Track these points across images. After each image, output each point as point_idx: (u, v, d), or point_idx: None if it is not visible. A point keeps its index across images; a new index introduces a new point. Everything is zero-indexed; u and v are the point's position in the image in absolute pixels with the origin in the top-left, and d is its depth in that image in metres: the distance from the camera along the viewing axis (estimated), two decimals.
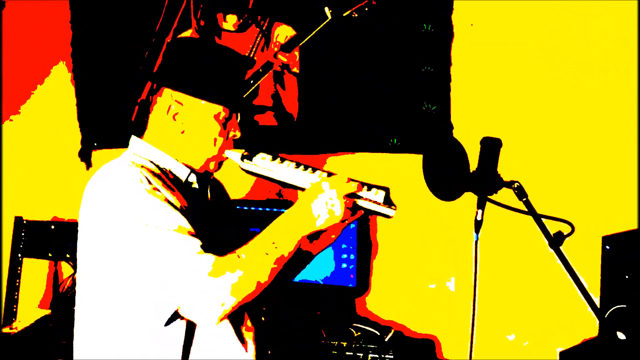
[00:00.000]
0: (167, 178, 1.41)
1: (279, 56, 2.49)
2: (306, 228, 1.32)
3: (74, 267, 2.62)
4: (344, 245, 2.36)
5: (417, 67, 2.38)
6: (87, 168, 2.73)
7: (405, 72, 2.39)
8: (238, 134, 1.48)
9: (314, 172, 1.43)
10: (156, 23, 2.59)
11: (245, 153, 1.44)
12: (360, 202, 1.38)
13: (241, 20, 2.53)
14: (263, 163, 1.43)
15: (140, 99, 2.63)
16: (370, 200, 1.39)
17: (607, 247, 1.97)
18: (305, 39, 2.45)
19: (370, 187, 1.41)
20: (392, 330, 2.26)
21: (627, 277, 1.95)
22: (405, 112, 2.41)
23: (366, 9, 2.39)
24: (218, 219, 1.51)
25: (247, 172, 1.45)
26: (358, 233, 2.36)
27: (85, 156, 2.73)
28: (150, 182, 1.35)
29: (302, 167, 1.44)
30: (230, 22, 2.54)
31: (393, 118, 2.42)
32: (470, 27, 2.34)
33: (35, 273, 2.77)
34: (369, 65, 2.42)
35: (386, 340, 2.21)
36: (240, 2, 2.51)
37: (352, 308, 2.43)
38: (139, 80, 2.63)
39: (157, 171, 1.41)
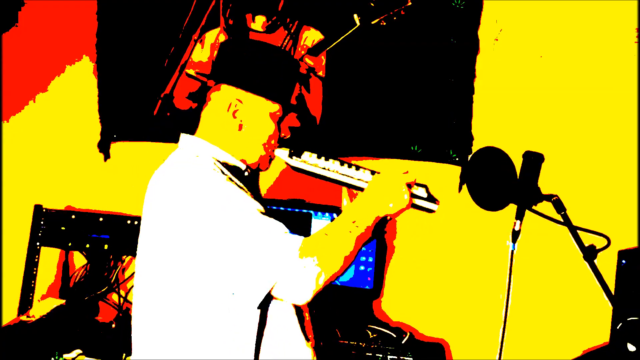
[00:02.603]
0: (229, 170, 1.46)
1: (306, 59, 2.53)
2: (381, 210, 1.40)
3: (87, 257, 2.62)
4: (362, 248, 2.40)
5: (441, 78, 2.44)
6: (105, 159, 2.73)
7: (430, 82, 2.46)
8: (288, 134, 1.56)
9: (357, 169, 1.52)
10: (183, 19, 2.61)
11: (292, 151, 1.51)
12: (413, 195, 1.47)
13: (270, 22, 2.56)
14: (312, 160, 1.51)
15: (164, 94, 2.65)
16: (418, 196, 1.49)
17: (623, 261, 2.05)
18: (333, 44, 2.50)
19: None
20: (409, 334, 2.31)
21: None
22: (427, 121, 2.47)
23: (394, 18, 2.45)
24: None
25: (295, 169, 1.52)
26: (377, 236, 2.41)
27: (104, 148, 2.72)
28: (224, 173, 1.41)
29: (346, 164, 1.53)
30: (258, 22, 2.57)
31: (415, 126, 2.49)
32: (495, 42, 2.42)
33: (44, 261, 2.76)
34: (395, 73, 2.48)
35: (403, 342, 2.26)
36: (270, 3, 2.55)
37: (368, 310, 2.48)
38: (163, 74, 2.64)
39: (219, 165, 1.45)
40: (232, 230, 1.31)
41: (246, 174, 1.50)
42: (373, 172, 1.52)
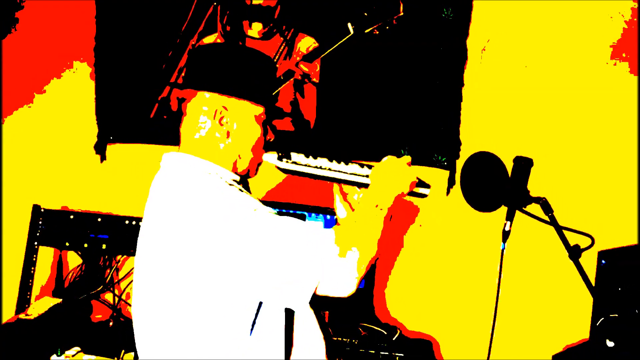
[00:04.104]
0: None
1: (301, 65, 2.62)
2: (397, 188, 1.43)
3: (83, 257, 2.66)
4: None
5: (431, 86, 2.55)
6: (102, 161, 2.77)
7: (420, 89, 2.56)
8: (272, 137, 1.53)
9: (347, 164, 1.52)
10: (181, 24, 2.67)
11: (280, 154, 1.47)
12: None
13: (266, 29, 2.64)
14: (302, 160, 1.48)
15: (160, 97, 2.70)
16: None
17: (603, 261, 2.17)
18: (327, 51, 2.59)
19: None
20: (399, 331, 2.40)
21: (619, 289, 2.16)
22: (417, 126, 2.57)
23: (387, 27, 2.55)
24: None
25: (286, 171, 1.48)
26: None
27: (100, 149, 2.77)
28: (231, 185, 1.39)
29: (335, 160, 1.52)
30: (255, 29, 2.65)
31: (405, 131, 2.58)
32: (482, 52, 2.53)
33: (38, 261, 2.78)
34: (386, 80, 2.58)
35: (394, 339, 2.35)
36: (267, 11, 2.63)
37: (359, 308, 2.56)
38: (160, 78, 2.70)
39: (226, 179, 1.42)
40: (266, 238, 1.28)
41: (239, 186, 1.47)
42: (362, 165, 1.53)
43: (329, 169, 1.51)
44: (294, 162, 1.47)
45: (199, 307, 1.32)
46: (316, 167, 1.49)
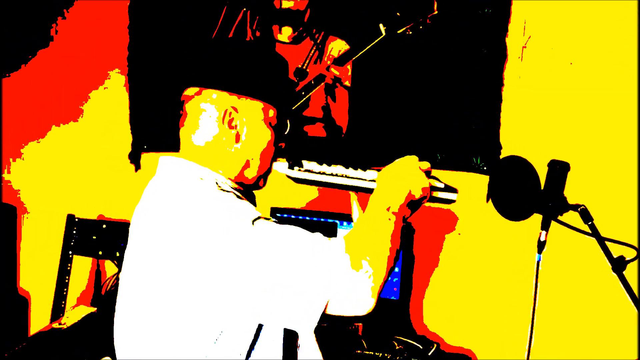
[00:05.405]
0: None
1: (332, 69, 2.54)
2: (406, 185, 1.27)
3: (118, 265, 2.67)
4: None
5: (468, 86, 2.42)
6: (136, 170, 2.78)
7: (457, 90, 2.44)
8: (283, 145, 1.40)
9: (365, 170, 1.39)
10: (211, 32, 2.65)
11: (291, 162, 1.35)
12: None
13: (296, 33, 2.58)
14: (315, 168, 1.35)
15: None
16: (437, 187, 1.38)
17: None
18: (359, 54, 2.51)
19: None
20: (436, 345, 2.29)
21: None
22: (454, 130, 2.45)
23: (420, 27, 2.44)
24: None
25: (298, 180, 1.36)
26: (403, 246, 2.39)
27: (135, 158, 2.78)
28: (227, 191, 1.27)
29: (351, 167, 1.39)
30: (285, 34, 2.60)
31: (442, 134, 2.47)
32: (523, 49, 2.39)
33: (76, 270, 2.82)
34: (421, 80, 2.47)
35: (430, 354, 2.24)
36: (296, 15, 2.57)
37: (394, 321, 2.46)
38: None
39: (225, 186, 1.29)
40: (263, 249, 1.13)
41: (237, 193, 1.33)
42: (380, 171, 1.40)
43: (345, 176, 1.37)
44: (307, 170, 1.34)
45: (187, 332, 1.18)
46: (330, 174, 1.36)
